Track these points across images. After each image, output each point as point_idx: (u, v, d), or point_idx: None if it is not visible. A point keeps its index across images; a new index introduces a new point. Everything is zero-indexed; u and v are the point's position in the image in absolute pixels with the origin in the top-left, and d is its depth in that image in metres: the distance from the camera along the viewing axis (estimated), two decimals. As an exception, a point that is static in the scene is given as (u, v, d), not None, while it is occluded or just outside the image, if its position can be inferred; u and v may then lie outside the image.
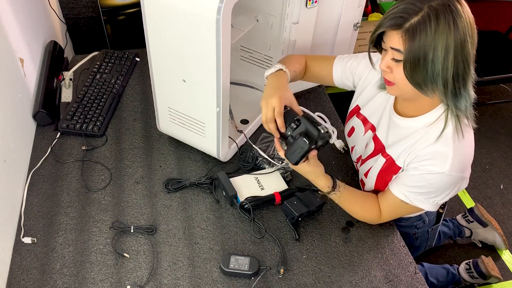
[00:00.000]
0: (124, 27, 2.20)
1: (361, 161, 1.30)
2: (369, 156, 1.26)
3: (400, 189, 1.15)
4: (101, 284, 1.15)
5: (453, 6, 0.94)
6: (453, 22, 0.93)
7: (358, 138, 1.31)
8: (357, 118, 1.31)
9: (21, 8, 1.59)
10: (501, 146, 2.61)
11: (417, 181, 1.11)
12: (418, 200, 1.14)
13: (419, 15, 0.94)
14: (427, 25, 0.93)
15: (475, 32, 0.97)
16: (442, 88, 0.99)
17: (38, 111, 1.51)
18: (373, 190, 1.29)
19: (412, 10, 0.95)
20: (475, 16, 0.99)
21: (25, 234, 1.25)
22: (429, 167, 1.07)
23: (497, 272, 1.86)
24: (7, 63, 1.39)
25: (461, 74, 0.98)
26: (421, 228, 1.43)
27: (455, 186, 1.10)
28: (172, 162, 1.45)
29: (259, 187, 1.36)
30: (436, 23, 0.93)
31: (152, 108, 1.55)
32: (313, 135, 1.09)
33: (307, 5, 1.38)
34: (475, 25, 0.97)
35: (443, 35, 0.93)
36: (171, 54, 1.21)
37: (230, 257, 1.19)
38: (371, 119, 1.27)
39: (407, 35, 0.95)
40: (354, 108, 1.33)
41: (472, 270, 1.85)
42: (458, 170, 1.06)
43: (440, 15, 0.93)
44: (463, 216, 2.04)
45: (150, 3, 1.15)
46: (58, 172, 1.41)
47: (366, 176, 1.28)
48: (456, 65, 0.96)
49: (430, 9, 0.93)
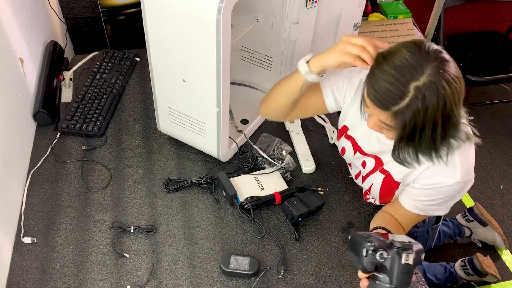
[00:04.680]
0: (124, 27, 2.20)
1: (361, 177, 1.28)
2: (369, 173, 1.24)
3: (414, 204, 1.13)
4: (101, 284, 1.15)
5: (440, 84, 0.88)
6: (441, 100, 0.89)
7: (352, 158, 1.28)
8: (346, 140, 1.27)
9: (21, 8, 1.59)
10: (501, 146, 2.61)
11: (431, 195, 1.09)
12: (433, 210, 1.13)
13: (405, 99, 0.90)
14: (414, 109, 0.90)
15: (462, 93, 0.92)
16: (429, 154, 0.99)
17: (38, 111, 1.51)
18: (379, 202, 1.27)
19: (397, 95, 0.90)
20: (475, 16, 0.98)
21: (25, 234, 1.25)
22: (442, 180, 1.05)
23: (494, 269, 1.86)
24: (7, 63, 1.39)
25: (450, 136, 0.98)
26: (421, 227, 1.43)
27: (465, 188, 1.09)
28: (172, 162, 1.45)
29: (259, 187, 1.36)
30: (424, 107, 0.89)
31: (152, 108, 1.55)
32: None
33: (307, 5, 1.38)
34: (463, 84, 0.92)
35: (431, 115, 0.90)
36: (171, 54, 1.21)
37: (230, 257, 1.19)
38: (360, 141, 1.22)
39: (396, 117, 0.93)
40: (342, 128, 1.28)
41: (467, 267, 1.86)
42: (467, 174, 1.06)
43: (427, 96, 0.88)
44: (463, 215, 2.04)
45: (150, 3, 1.15)
46: (58, 172, 1.41)
47: (369, 191, 1.26)
48: (445, 132, 0.96)
49: (416, 91, 0.89)
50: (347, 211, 1.35)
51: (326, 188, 1.40)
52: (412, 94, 0.89)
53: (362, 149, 1.22)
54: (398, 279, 0.84)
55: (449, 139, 0.99)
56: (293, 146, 1.50)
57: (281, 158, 1.44)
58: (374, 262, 0.84)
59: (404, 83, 0.89)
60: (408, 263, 0.84)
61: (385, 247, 0.84)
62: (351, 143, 1.25)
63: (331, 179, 1.43)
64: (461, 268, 1.87)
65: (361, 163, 1.25)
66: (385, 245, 0.85)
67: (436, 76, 0.88)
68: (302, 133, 1.55)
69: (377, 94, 0.93)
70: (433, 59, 0.89)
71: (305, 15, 1.41)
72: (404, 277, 0.84)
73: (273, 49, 1.55)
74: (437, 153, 0.99)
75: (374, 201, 1.33)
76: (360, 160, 1.25)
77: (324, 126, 1.59)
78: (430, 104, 0.89)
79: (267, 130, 1.56)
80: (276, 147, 1.47)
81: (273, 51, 1.56)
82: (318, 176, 1.44)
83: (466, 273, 1.86)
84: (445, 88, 0.88)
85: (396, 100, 0.91)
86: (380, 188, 1.20)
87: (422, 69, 0.89)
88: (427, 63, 0.89)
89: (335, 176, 1.44)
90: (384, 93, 0.91)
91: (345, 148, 1.28)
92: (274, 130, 1.57)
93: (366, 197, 1.36)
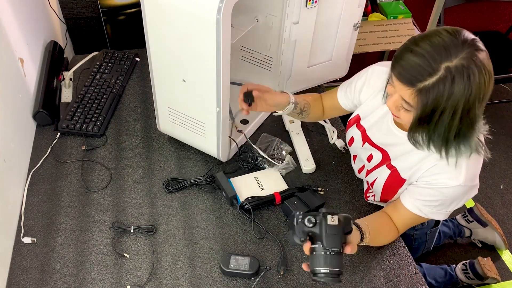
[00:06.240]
0: (124, 27, 2.20)
1: (366, 171, 1.28)
2: (374, 167, 1.24)
3: (415, 203, 1.12)
4: (101, 284, 1.15)
5: (471, 69, 0.87)
6: (468, 88, 0.88)
7: (359, 149, 1.29)
8: (357, 129, 1.27)
9: (21, 8, 1.59)
10: (501, 146, 2.60)
11: (432, 195, 1.09)
12: (432, 212, 1.12)
13: (433, 77, 0.88)
14: (440, 89, 0.88)
15: (489, 91, 0.91)
16: (440, 145, 0.99)
17: (38, 111, 1.51)
18: (380, 198, 1.27)
19: (427, 71, 0.88)
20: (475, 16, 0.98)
21: (25, 234, 1.25)
22: (444, 181, 1.05)
23: (495, 272, 1.86)
24: (7, 63, 1.39)
25: (463, 134, 0.96)
26: (420, 230, 1.43)
27: (467, 194, 1.08)
28: (172, 162, 1.45)
29: (259, 187, 1.36)
30: (450, 90, 0.88)
31: (152, 108, 1.55)
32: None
33: (307, 5, 1.38)
34: (492, 81, 0.91)
35: (454, 101, 0.89)
36: (171, 54, 1.21)
37: (230, 257, 1.19)
38: (370, 131, 1.23)
39: (419, 95, 0.91)
40: (354, 117, 1.29)
41: (468, 271, 1.85)
42: (471, 180, 1.05)
43: (455, 81, 0.87)
44: (463, 216, 2.04)
45: (150, 3, 1.15)
46: (58, 172, 1.41)
47: (372, 186, 1.27)
48: (460, 127, 0.94)
49: (447, 72, 0.87)
50: (347, 211, 1.35)
51: (326, 188, 1.40)
52: (441, 73, 0.88)
53: (371, 140, 1.22)
54: (328, 240, 0.93)
55: (460, 140, 0.98)
56: (293, 146, 1.50)
57: (281, 158, 1.44)
58: (305, 229, 0.94)
59: (437, 60, 0.88)
60: (334, 224, 0.93)
61: (313, 214, 0.95)
62: (360, 133, 1.26)
63: (331, 179, 1.43)
64: (462, 272, 1.86)
65: (367, 157, 1.25)
66: (313, 214, 0.95)
67: (469, 61, 0.87)
68: (302, 133, 1.55)
69: (406, 69, 0.92)
70: (469, 45, 0.89)
71: (305, 15, 1.41)
72: (333, 238, 0.93)
73: (273, 49, 1.55)
74: (447, 146, 0.98)
75: (374, 198, 1.33)
76: (367, 152, 1.25)
77: (324, 126, 1.59)
78: (457, 89, 0.88)
79: (267, 130, 1.56)
80: (276, 147, 1.47)
81: (273, 51, 1.56)
82: (318, 176, 1.44)
83: (467, 277, 1.85)
84: (475, 75, 0.87)
85: (424, 76, 0.89)
86: (384, 183, 1.20)
87: (456, 52, 0.88)
88: (462, 47, 0.88)
89: (335, 176, 1.44)
90: (412, 68, 0.90)
91: (354, 138, 1.29)
92: (274, 130, 1.57)
93: (366, 195, 1.36)
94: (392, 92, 1.00)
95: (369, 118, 1.23)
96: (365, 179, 1.31)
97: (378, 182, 1.22)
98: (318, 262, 0.93)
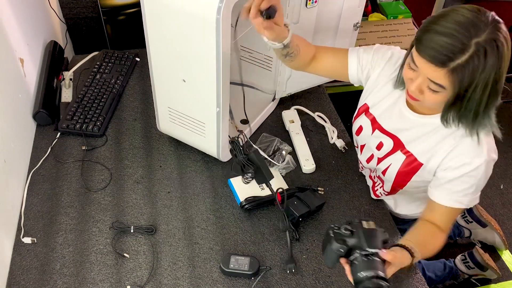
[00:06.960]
0: (124, 27, 2.20)
1: (377, 159, 1.27)
2: (386, 155, 1.23)
3: (452, 197, 1.11)
4: (101, 284, 1.15)
5: (499, 41, 0.90)
6: (498, 61, 0.91)
7: (368, 137, 1.28)
8: (366, 117, 1.27)
9: (21, 8, 1.59)
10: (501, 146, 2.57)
11: (465, 182, 1.09)
12: (471, 200, 1.12)
13: (466, 54, 0.89)
14: (475, 65, 0.90)
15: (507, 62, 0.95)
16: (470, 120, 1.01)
17: (38, 111, 1.51)
18: (391, 187, 1.26)
19: (458, 48, 0.89)
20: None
21: (25, 234, 1.25)
22: (469, 160, 1.06)
23: (493, 263, 1.86)
24: (7, 63, 1.39)
25: (491, 104, 0.99)
26: None
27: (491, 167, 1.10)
28: (172, 162, 1.45)
29: (259, 187, 1.36)
30: (484, 64, 0.90)
31: (152, 108, 1.55)
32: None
33: (307, 5, 1.38)
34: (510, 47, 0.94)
35: (487, 74, 0.91)
36: (171, 54, 1.21)
37: (230, 257, 1.19)
38: (380, 118, 1.23)
39: (453, 74, 0.92)
40: (362, 106, 1.28)
41: (467, 260, 1.85)
42: (493, 152, 1.09)
43: (488, 54, 0.89)
44: (462, 216, 2.04)
45: (150, 3, 1.15)
46: (58, 172, 1.41)
47: (384, 174, 1.25)
48: (489, 98, 0.97)
49: (477, 47, 0.89)
50: (347, 211, 1.35)
51: (326, 188, 1.40)
52: (473, 49, 0.89)
53: (382, 126, 1.22)
54: (368, 241, 0.91)
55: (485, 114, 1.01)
56: (293, 146, 1.50)
57: (281, 158, 1.44)
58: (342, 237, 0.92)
59: (467, 37, 0.89)
60: (371, 227, 0.93)
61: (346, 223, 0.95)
62: (370, 121, 1.26)
63: (331, 179, 1.43)
64: (461, 261, 1.86)
65: (377, 145, 1.24)
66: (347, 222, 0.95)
67: (496, 34, 0.90)
68: (302, 133, 1.55)
69: (437, 49, 0.92)
70: (492, 20, 0.92)
71: (305, 15, 1.41)
72: (373, 239, 0.92)
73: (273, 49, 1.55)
74: (476, 120, 1.01)
75: (383, 189, 1.31)
76: (376, 140, 1.24)
77: (324, 126, 1.59)
78: (490, 61, 0.90)
79: (267, 130, 1.56)
80: (276, 147, 1.47)
81: (273, 51, 1.55)
82: (318, 176, 1.44)
83: (467, 266, 1.85)
84: (504, 45, 0.91)
85: (456, 54, 0.90)
86: (398, 170, 1.20)
87: (484, 27, 0.90)
88: (487, 22, 0.91)
89: (335, 176, 1.44)
90: (443, 48, 0.91)
91: (363, 127, 1.28)
92: (274, 130, 1.57)
93: (374, 190, 1.35)
94: (413, 76, 1.00)
95: (379, 106, 1.23)
96: (374, 169, 1.30)
97: (391, 169, 1.22)
98: (360, 267, 0.90)
